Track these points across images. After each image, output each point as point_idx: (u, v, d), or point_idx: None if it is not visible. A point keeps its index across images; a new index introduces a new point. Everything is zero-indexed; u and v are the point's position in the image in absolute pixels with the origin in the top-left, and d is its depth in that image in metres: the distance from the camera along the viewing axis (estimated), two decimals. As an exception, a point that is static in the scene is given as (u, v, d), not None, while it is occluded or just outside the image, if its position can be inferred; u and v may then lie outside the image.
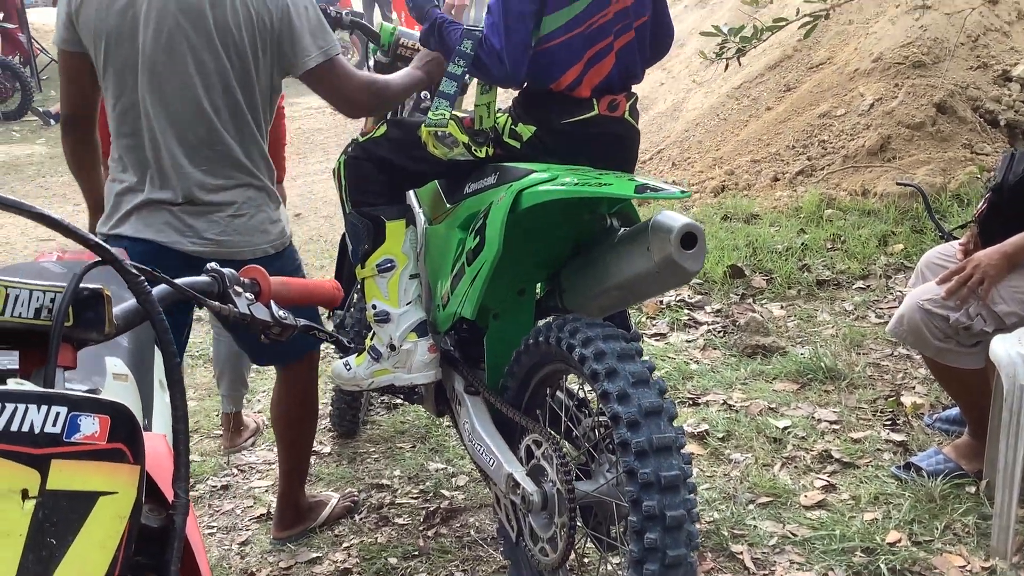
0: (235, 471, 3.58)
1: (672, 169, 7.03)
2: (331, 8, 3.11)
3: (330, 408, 3.72)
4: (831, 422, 3.43)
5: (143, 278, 1.08)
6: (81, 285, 1.07)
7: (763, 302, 4.59)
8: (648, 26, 2.69)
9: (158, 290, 1.18)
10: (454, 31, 2.61)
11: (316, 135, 10.15)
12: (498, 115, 2.66)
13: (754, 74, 7.45)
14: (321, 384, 3.39)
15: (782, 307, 4.52)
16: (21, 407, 0.94)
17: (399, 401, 3.74)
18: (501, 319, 2.67)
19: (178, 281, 1.20)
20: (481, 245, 2.44)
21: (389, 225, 2.73)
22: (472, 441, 2.61)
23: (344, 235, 3.29)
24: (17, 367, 1.07)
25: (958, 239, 3.28)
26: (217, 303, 1.22)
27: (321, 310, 4.37)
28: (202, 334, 4.64)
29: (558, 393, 2.52)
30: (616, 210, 2.55)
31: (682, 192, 2.19)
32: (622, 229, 2.51)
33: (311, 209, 7.09)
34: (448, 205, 2.77)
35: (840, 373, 3.75)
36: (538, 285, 2.75)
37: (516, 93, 2.68)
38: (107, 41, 2.45)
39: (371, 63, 3.25)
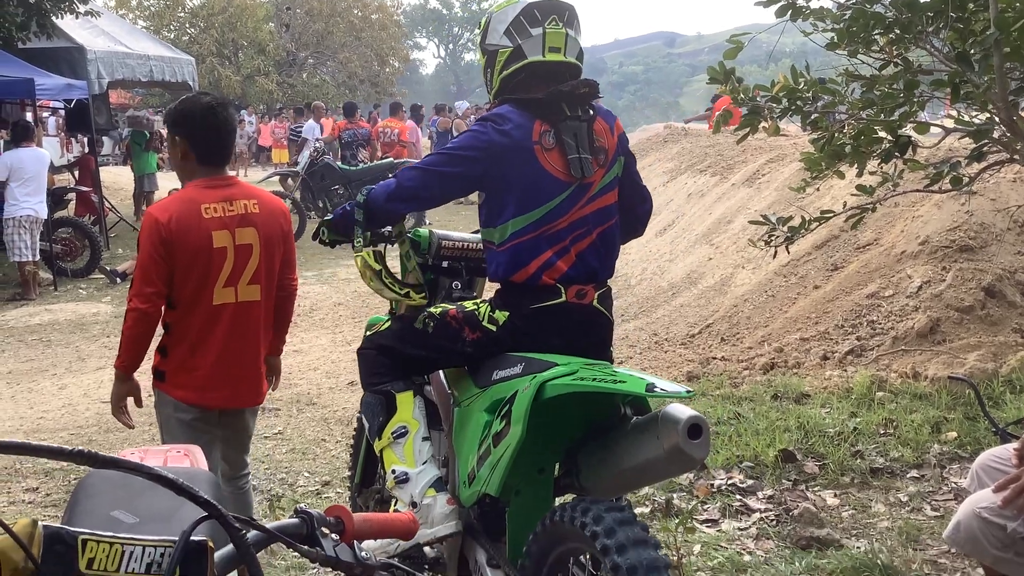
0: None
1: (721, 344, 7.11)
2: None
3: None
4: (889, 625, 3.36)
5: (244, 531, 1.16)
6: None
7: (816, 489, 4.56)
8: (616, 227, 3.08)
9: (253, 536, 1.26)
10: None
11: (373, 298, 10.38)
12: (480, 303, 3.07)
13: (802, 252, 7.59)
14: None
15: (836, 495, 4.49)
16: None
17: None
18: (522, 495, 2.88)
19: (269, 525, 1.29)
20: (506, 429, 2.69)
21: (399, 396, 3.06)
22: None
23: (359, 419, 3.64)
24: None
25: (1013, 436, 3.28)
26: (306, 547, 1.30)
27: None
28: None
29: (573, 568, 2.66)
30: (629, 400, 2.79)
31: (687, 392, 2.51)
32: (634, 418, 2.75)
33: (364, 376, 7.22)
34: (477, 389, 3.01)
35: (897, 571, 3.69)
36: (557, 464, 2.95)
37: (499, 287, 3.06)
38: None
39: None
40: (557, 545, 2.63)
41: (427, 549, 3.10)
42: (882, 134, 4.83)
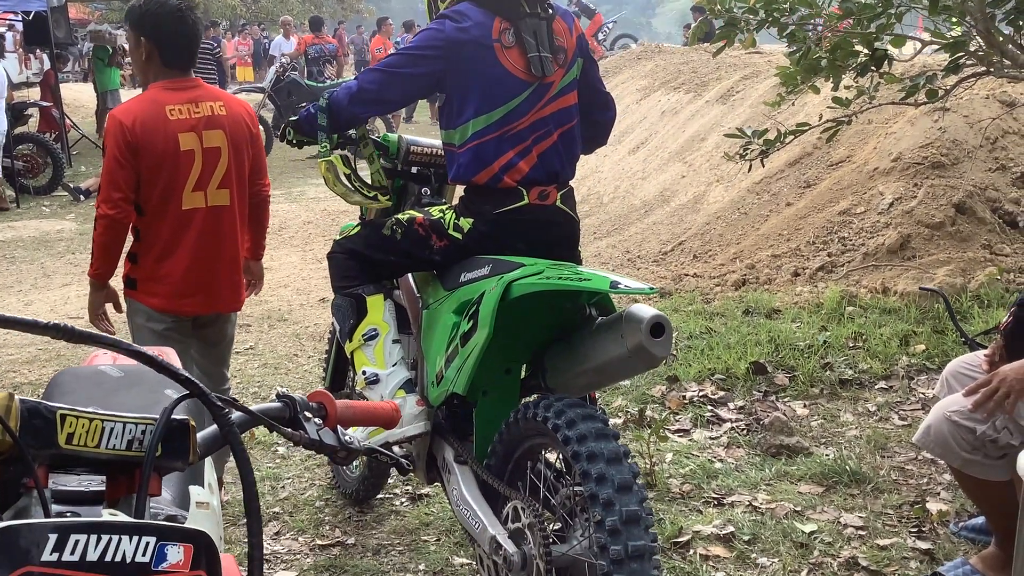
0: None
1: (693, 261, 7.12)
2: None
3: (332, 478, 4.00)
4: (857, 527, 3.43)
5: (227, 411, 1.14)
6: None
7: (786, 400, 4.62)
8: (576, 129, 3.05)
9: (236, 417, 1.24)
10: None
11: (342, 216, 10.32)
12: (445, 211, 3.04)
13: (774, 170, 7.58)
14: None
15: (805, 405, 4.55)
16: (115, 538, 1.00)
17: (424, 491, 3.82)
18: (489, 396, 2.93)
19: (252, 408, 1.27)
20: (474, 329, 2.72)
21: (369, 299, 3.08)
22: (459, 506, 2.85)
23: (332, 333, 3.66)
24: (104, 488, 1.13)
25: (981, 345, 3.32)
26: (289, 429, 1.28)
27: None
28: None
29: (538, 464, 2.71)
30: (594, 301, 2.82)
31: (650, 289, 2.54)
32: (599, 318, 2.78)
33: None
34: (444, 292, 3.02)
35: (865, 476, 3.76)
36: (523, 366, 2.99)
37: (463, 194, 3.04)
38: None
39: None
40: (522, 441, 2.70)
41: (396, 448, 3.15)
42: (858, 48, 4.78)
